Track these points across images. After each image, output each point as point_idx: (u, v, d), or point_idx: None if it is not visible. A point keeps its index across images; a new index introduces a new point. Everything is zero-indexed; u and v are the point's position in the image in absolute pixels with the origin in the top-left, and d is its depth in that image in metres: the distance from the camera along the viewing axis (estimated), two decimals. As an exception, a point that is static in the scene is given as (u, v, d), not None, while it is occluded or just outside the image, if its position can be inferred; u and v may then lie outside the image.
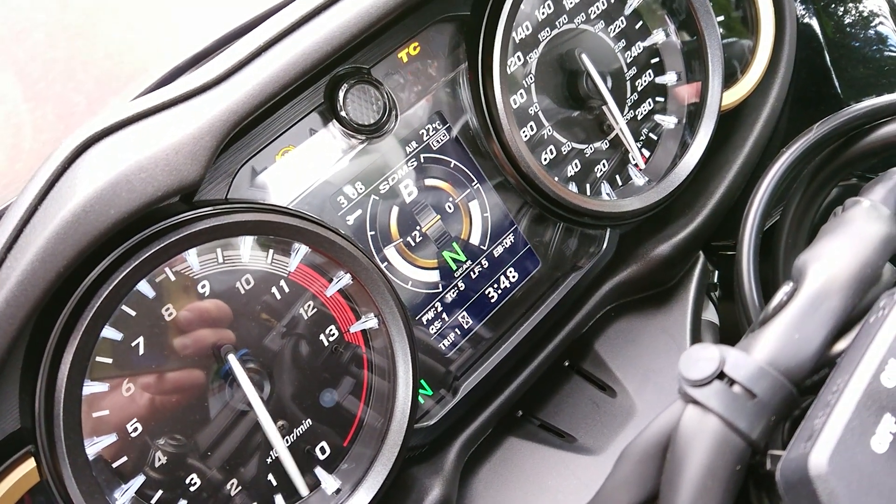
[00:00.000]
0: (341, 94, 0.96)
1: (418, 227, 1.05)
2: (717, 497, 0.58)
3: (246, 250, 0.92)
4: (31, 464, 0.80)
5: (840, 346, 0.62)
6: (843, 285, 0.62)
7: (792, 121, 1.41)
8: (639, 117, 1.22)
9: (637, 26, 1.21)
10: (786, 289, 0.65)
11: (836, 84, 1.37)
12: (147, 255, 0.81)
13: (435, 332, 1.07)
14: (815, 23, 1.37)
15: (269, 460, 0.93)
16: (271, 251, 0.93)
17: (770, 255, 1.17)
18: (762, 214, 1.01)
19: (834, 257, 0.65)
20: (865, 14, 1.32)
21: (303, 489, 0.91)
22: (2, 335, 0.69)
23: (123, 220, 0.72)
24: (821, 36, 1.36)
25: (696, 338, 1.16)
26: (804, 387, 0.61)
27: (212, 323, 0.90)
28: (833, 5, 1.40)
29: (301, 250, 0.94)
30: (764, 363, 0.60)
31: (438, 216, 1.07)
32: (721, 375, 0.61)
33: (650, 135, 1.23)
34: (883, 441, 0.52)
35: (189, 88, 0.79)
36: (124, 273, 0.80)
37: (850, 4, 1.39)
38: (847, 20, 1.35)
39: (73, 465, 0.77)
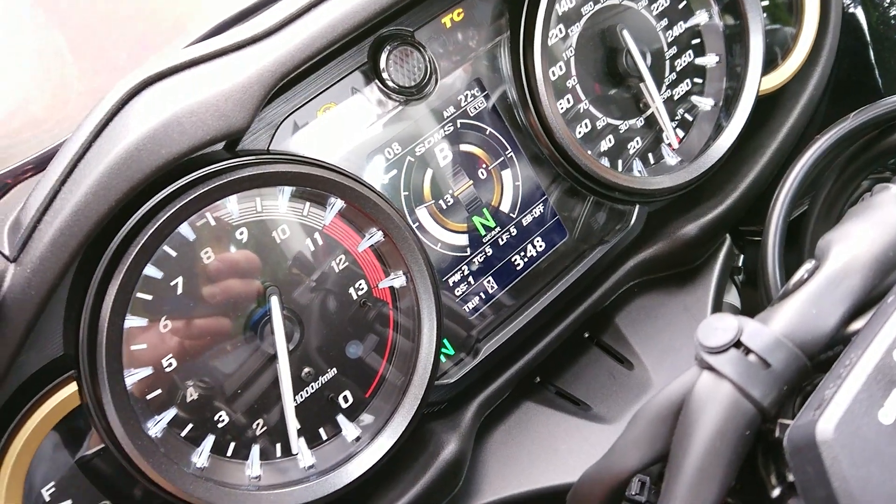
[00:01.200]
0: (384, 55, 0.98)
1: (451, 191, 1.08)
2: (724, 459, 0.61)
3: (283, 201, 0.95)
4: (71, 388, 0.84)
5: (856, 325, 0.64)
6: (865, 265, 0.64)
7: (831, 110, 1.40)
8: (675, 97, 1.23)
9: (680, 6, 1.22)
10: (808, 266, 0.66)
11: (878, 77, 1.36)
12: (190, 198, 0.84)
13: (460, 295, 1.10)
14: (860, 14, 1.36)
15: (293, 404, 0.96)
16: (308, 204, 0.96)
17: (797, 244, 1.18)
18: (791, 199, 1.03)
19: (858, 238, 0.66)
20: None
21: (293, 436, 0.93)
22: (54, 262, 0.73)
23: (173, 160, 0.75)
24: (866, 27, 1.36)
25: (716, 318, 1.18)
26: (818, 361, 0.63)
27: (247, 269, 0.93)
28: (882, -1, 1.39)
29: (336, 204, 0.97)
30: (780, 335, 0.62)
31: (471, 181, 1.09)
32: (738, 344, 0.63)
33: (686, 115, 1.24)
34: (890, 413, 0.54)
35: (240, 39, 0.82)
36: (168, 214, 0.84)
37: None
38: (892, 12, 1.34)
39: (112, 390, 0.81)
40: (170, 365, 0.91)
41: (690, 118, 1.24)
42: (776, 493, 0.64)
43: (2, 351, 0.74)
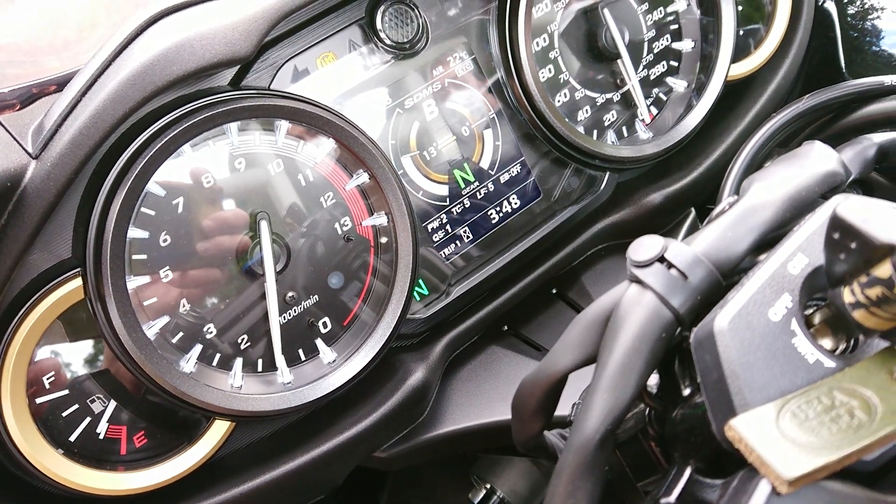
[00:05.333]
0: (380, 12, 1.08)
1: (435, 144, 1.17)
2: (643, 357, 0.70)
3: (281, 137, 1.04)
4: (76, 283, 0.93)
5: (764, 256, 0.73)
6: (777, 201, 0.73)
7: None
8: (651, 77, 1.32)
9: (661, -8, 1.31)
10: (730, 199, 0.76)
11: (846, 73, 1.45)
12: (193, 120, 0.93)
13: (437, 242, 1.19)
14: (833, 10, 1.45)
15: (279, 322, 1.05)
16: (302, 142, 1.06)
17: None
18: (743, 171, 1.11)
19: (775, 179, 0.75)
20: (878, 6, 1.40)
21: (278, 350, 1.03)
22: (71, 160, 0.83)
23: (184, 77, 0.85)
24: (837, 23, 1.45)
25: (674, 283, 1.27)
26: (730, 281, 0.72)
27: (242, 195, 1.03)
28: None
29: (328, 144, 1.06)
30: (699, 253, 0.71)
31: (454, 137, 1.18)
32: (662, 260, 0.72)
33: (660, 95, 1.33)
34: (778, 312, 0.63)
35: (249, -19, 0.91)
36: (173, 133, 0.93)
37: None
38: (859, 9, 1.42)
39: (114, 285, 0.90)
40: (166, 276, 1.00)
41: (664, 97, 1.34)
42: (687, 392, 0.73)
43: (20, 233, 0.83)
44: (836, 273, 0.61)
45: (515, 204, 1.24)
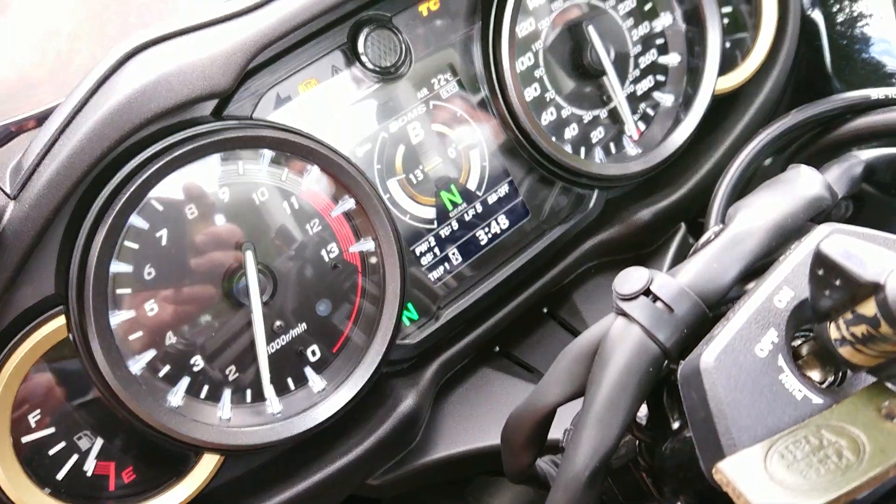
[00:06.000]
0: (363, 36, 1.07)
1: (421, 167, 1.16)
2: (630, 392, 0.69)
3: (264, 166, 1.03)
4: (60, 321, 0.92)
5: (752, 284, 0.72)
6: (762, 230, 0.72)
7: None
8: (638, 92, 1.32)
9: (646, 8, 1.30)
10: (715, 229, 0.75)
11: (834, 80, 1.45)
12: (175, 154, 0.93)
13: (426, 265, 1.18)
14: (820, 20, 1.44)
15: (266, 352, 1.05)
16: (286, 170, 1.05)
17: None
18: (732, 190, 1.11)
19: (761, 207, 0.75)
20: (867, 13, 1.39)
21: (266, 382, 1.01)
22: (50, 201, 0.82)
23: (161, 114, 0.84)
24: (824, 33, 1.44)
25: (666, 299, 1.26)
26: (717, 312, 0.72)
27: (228, 226, 1.02)
28: (836, 2, 1.46)
29: (313, 171, 1.05)
30: (685, 286, 0.71)
31: (441, 159, 1.18)
32: (647, 293, 0.71)
33: (647, 110, 1.33)
34: (764, 348, 0.62)
35: (228, 12, 0.90)
36: (154, 168, 0.92)
37: (854, 3, 1.45)
38: (848, 18, 1.42)
39: (97, 323, 0.89)
40: (151, 310, 0.99)
41: (652, 112, 1.33)
42: (676, 425, 0.72)
43: (0, 276, 0.82)
44: (821, 308, 0.60)
45: (504, 224, 1.23)
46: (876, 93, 1.11)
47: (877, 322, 0.54)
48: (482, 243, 1.22)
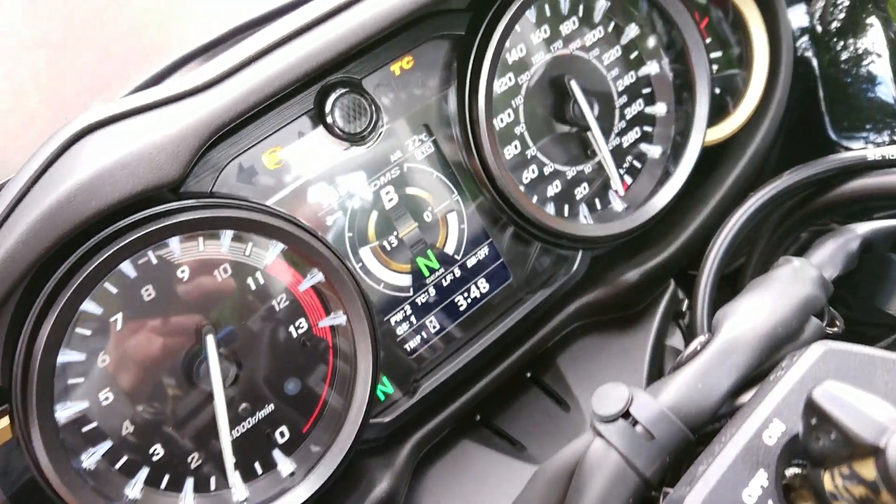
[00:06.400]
0: (330, 102, 1.01)
1: (395, 233, 1.11)
2: (609, 525, 0.64)
3: (226, 241, 0.97)
4: (6, 420, 0.87)
5: (742, 399, 0.67)
6: (751, 342, 0.67)
7: (784, 158, 1.43)
8: (625, 145, 1.26)
9: (632, 56, 1.25)
10: (701, 339, 0.69)
11: (829, 126, 1.39)
12: (129, 240, 0.87)
13: (401, 335, 1.12)
14: (813, 58, 1.38)
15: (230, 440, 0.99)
16: (250, 244, 0.99)
17: (734, 293, 1.21)
18: (723, 256, 1.06)
19: (749, 314, 0.69)
20: (861, 51, 1.34)
21: (230, 470, 0.95)
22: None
23: (102, 212, 0.78)
24: (818, 74, 1.38)
25: (655, 363, 1.21)
26: (702, 433, 0.66)
27: (186, 308, 0.96)
28: (833, 40, 1.41)
29: (278, 246, 0.99)
30: (666, 408, 0.65)
31: (416, 224, 1.12)
32: (626, 415, 0.66)
33: (634, 162, 1.27)
34: (753, 494, 0.57)
35: (178, 91, 0.84)
36: (107, 254, 0.86)
37: (850, 40, 1.40)
38: (844, 56, 1.36)
39: (41, 426, 0.83)
40: (106, 399, 0.93)
41: (639, 165, 1.27)
42: (659, 558, 0.67)
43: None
44: (814, 453, 0.54)
45: (485, 288, 1.17)
46: (872, 153, 1.05)
47: (876, 488, 0.48)
48: (461, 309, 1.16)
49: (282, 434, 1.03)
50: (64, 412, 0.89)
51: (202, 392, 0.97)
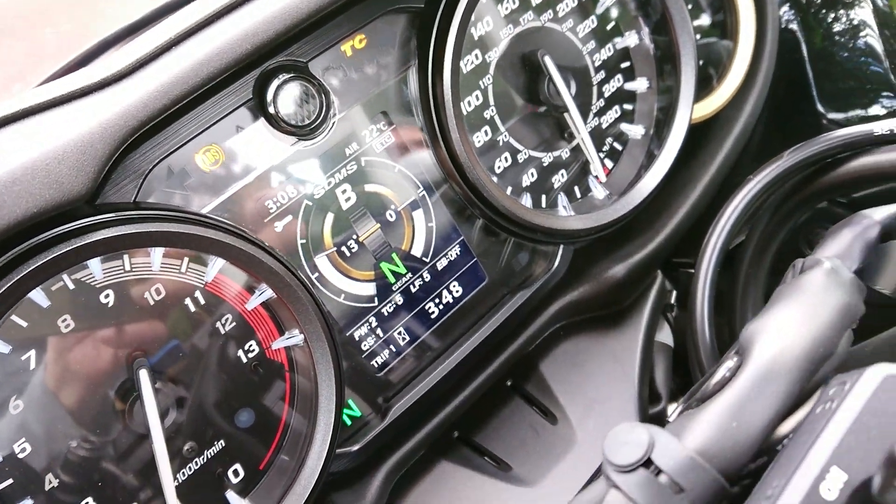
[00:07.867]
0: (271, 91, 0.87)
1: (355, 236, 0.97)
2: None
3: (157, 258, 0.83)
4: None
5: (783, 429, 0.56)
6: (792, 366, 0.56)
7: (767, 137, 1.34)
8: (604, 125, 1.14)
9: (609, 27, 1.13)
10: (730, 364, 0.58)
11: (817, 99, 1.29)
12: (36, 265, 0.72)
13: (367, 350, 1.00)
14: (798, 31, 1.29)
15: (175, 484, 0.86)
16: (186, 259, 0.85)
17: (732, 271, 1.11)
18: (723, 244, 0.95)
19: (785, 331, 0.58)
20: (855, 23, 1.24)
21: None
22: None
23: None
24: (804, 45, 1.29)
25: (646, 364, 1.10)
26: (739, 479, 0.55)
27: (113, 338, 0.82)
28: (823, 12, 1.31)
29: (218, 261, 0.86)
30: (695, 452, 0.54)
31: (378, 225, 0.99)
32: (648, 462, 0.54)
33: (615, 144, 1.16)
34: (817, 567, 0.46)
35: (84, 84, 0.69)
36: (11, 282, 0.72)
37: (841, 12, 1.31)
38: (836, 28, 1.26)
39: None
40: (23, 450, 0.79)
41: (620, 147, 1.16)
42: None
43: None
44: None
45: (457, 292, 1.05)
46: (880, 127, 0.95)
47: None
48: (433, 317, 1.04)
49: (235, 473, 0.90)
50: (-31, 471, 0.75)
51: (137, 435, 0.83)
